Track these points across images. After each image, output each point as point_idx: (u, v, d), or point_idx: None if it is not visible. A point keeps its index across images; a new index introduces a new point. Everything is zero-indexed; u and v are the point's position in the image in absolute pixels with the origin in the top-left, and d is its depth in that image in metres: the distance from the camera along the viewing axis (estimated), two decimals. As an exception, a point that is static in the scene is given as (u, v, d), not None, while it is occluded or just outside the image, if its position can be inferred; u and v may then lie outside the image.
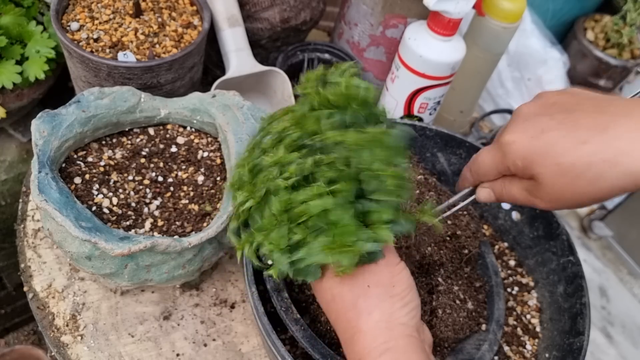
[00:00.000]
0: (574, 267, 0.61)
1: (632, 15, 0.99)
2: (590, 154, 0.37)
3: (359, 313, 0.41)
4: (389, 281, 0.42)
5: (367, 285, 0.42)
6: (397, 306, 0.41)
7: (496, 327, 0.57)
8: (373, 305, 0.41)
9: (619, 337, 0.81)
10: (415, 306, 0.43)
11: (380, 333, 0.40)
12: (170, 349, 0.59)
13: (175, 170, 0.62)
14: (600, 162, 0.37)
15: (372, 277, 0.42)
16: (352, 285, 0.42)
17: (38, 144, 0.55)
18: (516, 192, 0.44)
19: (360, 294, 0.42)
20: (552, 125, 0.40)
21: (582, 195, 0.39)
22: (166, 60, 0.64)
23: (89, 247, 0.52)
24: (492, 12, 0.75)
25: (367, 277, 0.42)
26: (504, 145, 0.42)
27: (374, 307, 0.41)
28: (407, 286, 0.43)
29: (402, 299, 0.42)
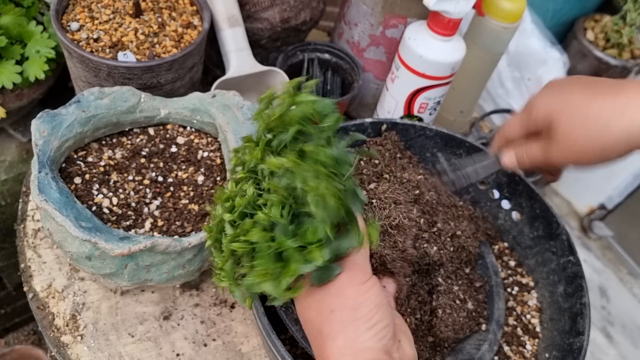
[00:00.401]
0: (574, 267, 0.61)
1: (632, 15, 0.98)
2: (601, 105, 0.45)
3: (324, 339, 0.40)
4: (353, 303, 0.40)
5: (331, 310, 0.40)
6: (361, 329, 0.40)
7: (496, 327, 0.57)
8: (336, 331, 0.40)
9: (619, 337, 0.81)
10: (384, 326, 0.40)
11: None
12: (170, 349, 0.59)
13: (175, 170, 0.62)
14: (609, 111, 0.44)
15: (336, 301, 0.40)
16: (317, 310, 0.41)
17: (38, 144, 0.55)
18: (535, 149, 0.50)
19: (324, 319, 0.40)
20: (573, 88, 0.48)
21: (590, 145, 0.46)
22: (166, 60, 0.64)
23: (89, 247, 0.52)
24: (492, 12, 0.75)
25: (330, 300, 0.41)
26: (531, 103, 0.50)
27: (337, 332, 0.40)
28: (374, 306, 0.40)
29: (367, 321, 0.40)
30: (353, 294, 0.40)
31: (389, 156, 0.64)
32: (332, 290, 0.41)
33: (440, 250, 0.58)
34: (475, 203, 0.70)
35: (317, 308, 0.41)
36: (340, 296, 0.40)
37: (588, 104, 0.46)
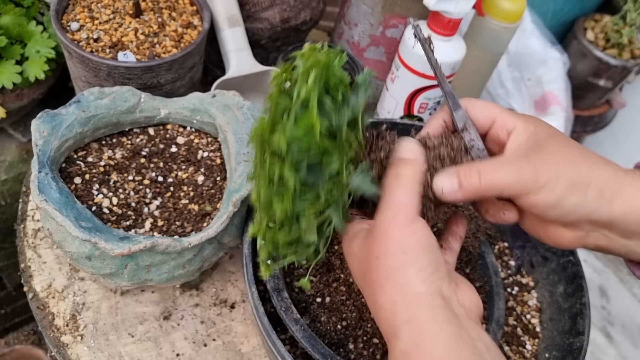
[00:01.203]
0: (573, 267, 0.61)
1: (632, 15, 0.99)
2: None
3: (373, 287, 0.38)
4: (399, 247, 0.38)
5: (376, 256, 0.38)
6: (410, 274, 0.37)
7: (496, 327, 0.57)
8: (384, 277, 0.38)
9: (619, 337, 0.81)
10: (434, 270, 0.37)
11: (398, 309, 0.37)
12: (170, 349, 0.59)
13: (175, 170, 0.62)
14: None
15: (380, 248, 0.38)
16: (365, 258, 0.39)
17: (38, 144, 0.55)
18: (496, 163, 0.41)
19: (372, 267, 0.39)
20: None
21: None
22: (166, 60, 0.64)
23: (89, 247, 0.52)
24: (492, 12, 0.75)
25: (375, 247, 0.39)
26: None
27: (385, 279, 0.37)
28: (420, 248, 0.37)
29: (414, 264, 0.37)
30: (398, 237, 0.38)
31: (389, 156, 0.64)
32: (376, 235, 0.39)
33: (440, 250, 0.58)
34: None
35: (367, 257, 0.39)
36: (384, 240, 0.38)
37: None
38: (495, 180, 0.40)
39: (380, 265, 0.38)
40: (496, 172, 0.40)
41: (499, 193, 0.40)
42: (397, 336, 0.36)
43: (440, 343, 0.35)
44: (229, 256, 0.68)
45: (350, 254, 0.43)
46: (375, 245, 0.39)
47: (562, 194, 0.38)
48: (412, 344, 0.35)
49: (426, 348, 0.35)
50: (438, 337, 0.35)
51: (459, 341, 0.35)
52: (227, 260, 0.67)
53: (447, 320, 0.36)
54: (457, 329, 0.36)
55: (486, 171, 0.40)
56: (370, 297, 0.39)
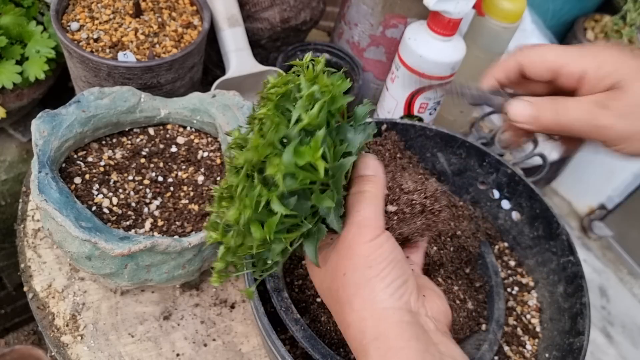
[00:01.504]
0: (574, 267, 0.61)
1: (632, 15, 0.98)
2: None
3: (342, 305, 0.38)
4: (365, 262, 0.37)
5: (343, 273, 0.38)
6: (378, 289, 0.36)
7: (496, 327, 0.57)
8: (352, 294, 0.37)
9: (619, 337, 0.81)
10: (401, 283, 0.37)
11: (366, 326, 0.36)
12: (170, 349, 0.59)
13: (175, 170, 0.62)
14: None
15: (347, 263, 0.37)
16: (332, 276, 0.39)
17: (38, 144, 0.55)
18: (573, 108, 0.38)
19: (339, 284, 0.38)
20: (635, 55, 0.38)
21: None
22: (166, 60, 0.64)
23: (89, 247, 0.52)
24: (492, 12, 0.75)
25: (342, 263, 0.38)
26: (581, 50, 0.39)
27: (353, 296, 0.37)
28: (388, 263, 0.37)
29: (382, 279, 0.36)
30: (363, 252, 0.37)
31: (389, 156, 0.64)
32: (341, 252, 0.38)
33: (440, 250, 0.58)
34: (475, 203, 0.70)
35: (332, 274, 0.39)
36: (350, 256, 0.38)
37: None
38: (573, 116, 0.38)
39: (347, 281, 0.37)
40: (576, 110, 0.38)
41: (577, 132, 0.39)
42: (365, 355, 0.36)
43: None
44: (229, 256, 0.68)
45: (313, 270, 0.42)
46: (341, 261, 0.38)
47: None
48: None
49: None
50: (406, 354, 0.35)
51: (427, 357, 0.35)
52: (227, 260, 0.67)
53: (415, 337, 0.35)
54: (425, 345, 0.35)
55: (565, 106, 0.38)
56: (337, 315, 0.39)
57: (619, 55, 0.38)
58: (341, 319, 0.38)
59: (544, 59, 0.40)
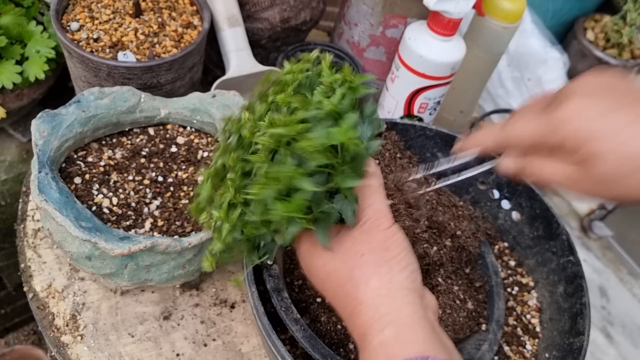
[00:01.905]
0: (574, 267, 0.61)
1: (632, 15, 0.98)
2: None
3: (356, 284, 0.39)
4: (383, 245, 0.40)
5: (361, 254, 0.40)
6: (395, 270, 0.39)
7: (496, 327, 0.57)
8: (370, 272, 0.39)
9: (619, 337, 0.81)
10: (414, 269, 0.40)
11: (382, 302, 0.38)
12: (170, 349, 0.59)
13: (175, 170, 0.62)
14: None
15: (364, 246, 0.40)
16: (345, 257, 0.40)
17: (38, 144, 0.55)
18: (551, 171, 0.41)
19: (355, 264, 0.40)
20: (615, 107, 0.37)
21: (636, 188, 0.37)
22: (166, 60, 0.64)
23: (89, 247, 0.52)
24: (492, 12, 0.75)
25: (358, 246, 0.40)
26: (558, 121, 0.39)
27: (371, 274, 0.39)
28: (402, 249, 0.40)
29: (399, 262, 0.39)
30: (381, 237, 0.40)
31: (389, 156, 0.64)
32: (358, 237, 0.40)
33: (440, 250, 0.58)
34: (475, 203, 0.70)
35: (344, 256, 0.40)
36: (368, 241, 0.40)
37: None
38: (551, 182, 0.42)
39: (366, 261, 0.39)
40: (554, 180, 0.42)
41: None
42: (377, 328, 0.37)
43: (420, 337, 0.37)
44: (229, 256, 0.68)
45: (314, 256, 0.43)
46: (357, 245, 0.40)
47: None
48: (392, 335, 0.37)
49: (406, 339, 0.36)
50: (417, 331, 0.37)
51: (433, 338, 0.37)
52: (227, 260, 0.67)
53: (424, 318, 0.38)
54: (432, 327, 0.38)
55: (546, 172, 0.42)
56: (346, 296, 0.40)
57: (599, 112, 0.38)
58: (351, 298, 0.39)
59: (525, 134, 0.43)
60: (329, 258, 0.41)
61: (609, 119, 0.37)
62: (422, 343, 0.36)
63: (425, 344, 0.36)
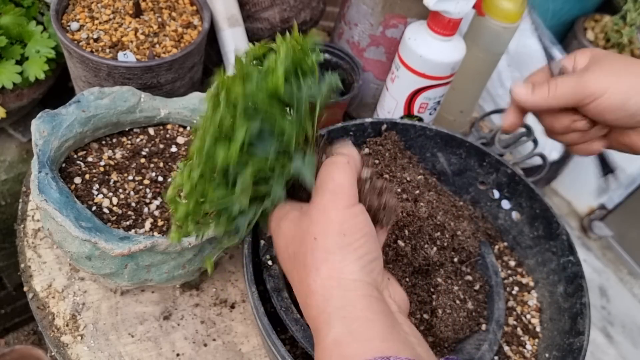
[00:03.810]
0: (574, 267, 0.61)
1: (632, 15, 0.98)
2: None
3: (308, 271, 0.36)
4: (338, 229, 0.36)
5: (314, 237, 0.36)
6: (348, 259, 0.35)
7: (496, 327, 0.57)
8: (321, 259, 0.36)
9: (619, 337, 0.81)
10: (373, 259, 0.37)
11: (332, 293, 0.35)
12: (170, 349, 0.59)
13: (176, 170, 0.62)
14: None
15: (318, 228, 0.36)
16: (301, 240, 0.37)
17: (38, 144, 0.55)
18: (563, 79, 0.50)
19: (308, 248, 0.37)
20: (622, 70, 0.49)
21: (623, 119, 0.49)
22: (166, 60, 0.64)
23: (89, 247, 0.52)
24: (492, 12, 0.75)
25: (314, 227, 0.37)
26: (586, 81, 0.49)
27: (322, 261, 0.36)
28: (361, 235, 0.36)
29: (355, 250, 0.36)
30: (338, 218, 0.36)
31: (389, 156, 0.64)
32: (314, 216, 0.37)
33: (440, 250, 0.58)
34: (475, 203, 0.70)
35: (301, 238, 0.38)
36: (324, 221, 0.37)
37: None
38: (561, 89, 0.49)
39: (318, 246, 0.36)
40: (564, 83, 0.49)
41: (566, 102, 0.49)
42: (328, 324, 0.34)
43: (377, 333, 0.34)
44: (228, 256, 0.68)
45: (278, 234, 0.41)
46: (312, 226, 0.37)
47: (625, 95, 0.47)
48: (346, 332, 0.34)
49: (362, 337, 0.33)
50: (374, 326, 0.34)
51: (394, 333, 0.34)
52: (227, 260, 0.67)
53: (382, 312, 0.35)
54: (392, 322, 0.35)
55: (555, 83, 0.49)
56: (301, 282, 0.37)
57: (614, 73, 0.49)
58: (305, 285, 0.37)
59: (568, 95, 0.51)
60: (290, 239, 0.39)
61: (618, 78, 0.48)
62: (381, 340, 0.33)
63: (384, 341, 0.33)
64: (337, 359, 0.33)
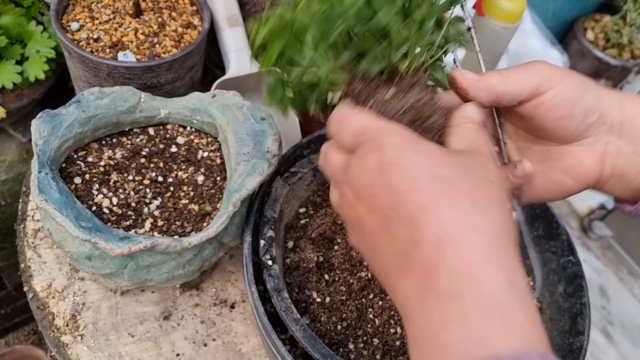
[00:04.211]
0: (574, 267, 0.61)
1: (632, 15, 0.98)
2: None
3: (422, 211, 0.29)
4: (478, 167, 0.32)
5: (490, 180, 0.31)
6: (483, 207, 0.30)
7: (496, 327, 0.57)
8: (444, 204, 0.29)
9: (619, 337, 0.81)
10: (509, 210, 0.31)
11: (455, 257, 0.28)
12: (170, 349, 0.59)
13: (175, 170, 0.62)
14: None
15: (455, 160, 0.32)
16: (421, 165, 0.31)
17: (38, 144, 0.55)
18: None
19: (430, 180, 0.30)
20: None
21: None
22: (166, 60, 0.64)
23: (89, 247, 0.52)
24: (492, 12, 0.75)
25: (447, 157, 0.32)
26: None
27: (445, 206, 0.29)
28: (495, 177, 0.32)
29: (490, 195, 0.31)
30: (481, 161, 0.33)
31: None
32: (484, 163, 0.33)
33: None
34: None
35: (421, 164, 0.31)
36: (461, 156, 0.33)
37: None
38: (514, 74, 0.40)
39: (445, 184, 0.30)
40: (515, 72, 0.41)
41: (518, 90, 0.40)
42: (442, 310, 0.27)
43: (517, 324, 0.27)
44: (229, 256, 0.68)
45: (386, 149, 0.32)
46: (446, 156, 0.32)
47: (580, 90, 0.40)
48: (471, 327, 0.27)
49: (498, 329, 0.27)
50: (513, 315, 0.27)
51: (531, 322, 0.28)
52: (227, 260, 0.67)
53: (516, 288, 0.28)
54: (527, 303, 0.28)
55: (507, 71, 0.41)
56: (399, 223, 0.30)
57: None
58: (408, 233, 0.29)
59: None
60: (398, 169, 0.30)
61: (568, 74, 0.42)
62: (520, 334, 0.26)
63: (522, 334, 0.27)
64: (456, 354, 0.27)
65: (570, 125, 0.41)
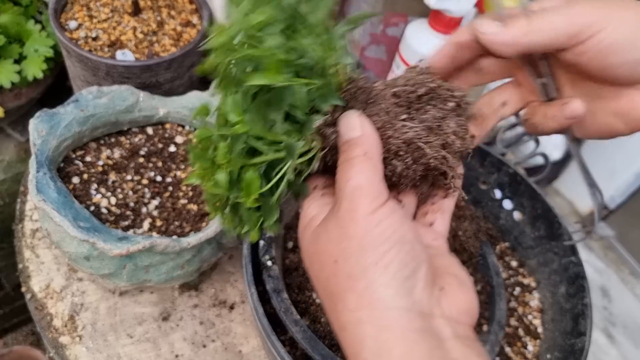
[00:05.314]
0: (575, 267, 0.61)
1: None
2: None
3: (335, 301, 0.30)
4: (359, 245, 0.29)
5: (334, 260, 0.30)
6: (378, 282, 0.28)
7: (497, 328, 0.57)
8: (344, 288, 0.29)
9: (621, 338, 0.80)
10: (411, 272, 0.29)
11: (364, 332, 0.28)
12: (169, 350, 0.59)
13: (174, 170, 0.62)
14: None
15: (337, 248, 0.30)
16: (320, 263, 0.31)
17: (36, 144, 0.54)
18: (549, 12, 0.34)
19: (329, 274, 0.30)
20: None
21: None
22: (165, 59, 0.63)
23: (87, 247, 0.52)
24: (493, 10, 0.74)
25: (332, 246, 0.30)
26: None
27: (346, 290, 0.29)
28: (392, 243, 0.29)
29: (385, 267, 0.28)
30: (359, 231, 0.29)
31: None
32: (332, 231, 0.30)
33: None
34: (476, 203, 0.70)
35: (320, 260, 0.31)
36: (341, 238, 0.30)
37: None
38: (549, 18, 0.33)
39: (339, 270, 0.30)
40: (549, 12, 0.33)
41: (553, 38, 0.33)
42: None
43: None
44: (228, 257, 0.67)
45: (304, 249, 0.34)
46: (330, 244, 0.30)
47: (633, 32, 0.32)
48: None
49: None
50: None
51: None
52: (226, 260, 0.67)
53: (429, 353, 0.28)
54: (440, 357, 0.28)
55: (538, 15, 0.33)
56: (331, 312, 0.31)
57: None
58: (334, 318, 0.30)
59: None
60: (312, 256, 0.32)
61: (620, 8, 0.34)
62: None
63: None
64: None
65: (622, 73, 0.34)
